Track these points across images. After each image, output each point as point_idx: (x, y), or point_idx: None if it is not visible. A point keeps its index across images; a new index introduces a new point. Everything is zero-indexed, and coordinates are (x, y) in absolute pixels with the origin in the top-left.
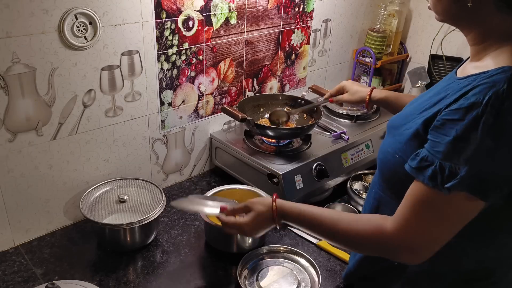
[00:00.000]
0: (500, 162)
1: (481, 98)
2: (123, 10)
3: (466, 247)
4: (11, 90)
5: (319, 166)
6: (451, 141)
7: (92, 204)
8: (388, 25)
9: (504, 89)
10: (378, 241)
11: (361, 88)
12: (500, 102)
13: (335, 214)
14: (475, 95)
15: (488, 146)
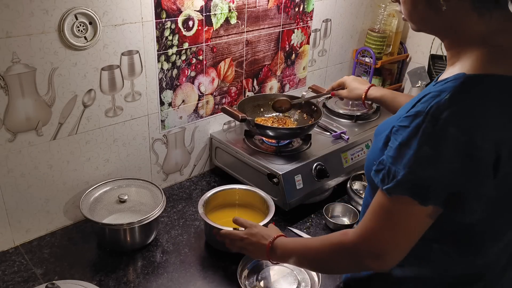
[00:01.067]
0: (437, 169)
1: (425, 107)
2: (123, 10)
3: (451, 253)
4: (11, 90)
5: (319, 166)
6: (397, 146)
7: (92, 204)
8: (388, 25)
9: (446, 99)
10: (342, 250)
11: (359, 86)
12: (440, 112)
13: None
14: (422, 104)
15: (425, 153)
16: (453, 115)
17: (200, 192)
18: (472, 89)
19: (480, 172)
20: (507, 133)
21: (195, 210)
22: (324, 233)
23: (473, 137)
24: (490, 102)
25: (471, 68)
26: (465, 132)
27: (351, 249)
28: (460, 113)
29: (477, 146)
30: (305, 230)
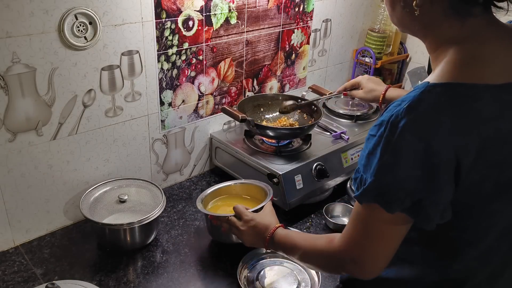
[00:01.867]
0: (398, 176)
1: (387, 117)
2: (123, 10)
3: (430, 257)
4: (11, 90)
5: (319, 166)
6: (366, 155)
7: (92, 204)
8: (388, 25)
9: (404, 108)
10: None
11: (376, 87)
12: (398, 121)
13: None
14: (386, 113)
15: (387, 161)
16: (409, 123)
17: (200, 192)
18: (430, 98)
19: (438, 178)
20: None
21: (195, 210)
22: (324, 233)
23: (430, 143)
24: (447, 110)
25: (437, 76)
26: (422, 139)
27: (335, 256)
28: (416, 120)
29: (434, 153)
30: (305, 230)
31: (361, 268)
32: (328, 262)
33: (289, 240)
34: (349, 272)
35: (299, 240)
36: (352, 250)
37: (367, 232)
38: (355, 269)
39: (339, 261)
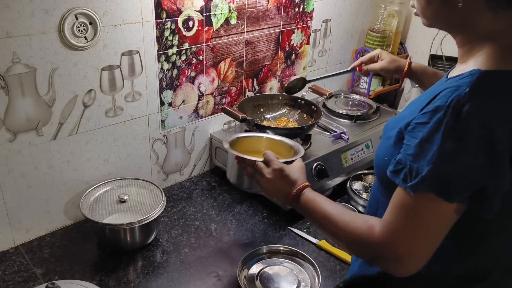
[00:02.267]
0: (461, 164)
1: (444, 102)
2: (123, 10)
3: (455, 250)
4: (11, 90)
5: (319, 166)
6: (418, 143)
7: (92, 204)
8: (388, 25)
9: (466, 92)
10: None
11: (399, 58)
12: (461, 105)
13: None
14: (440, 99)
15: (449, 148)
16: (474, 109)
17: (200, 192)
18: (488, 84)
19: (502, 166)
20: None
21: (195, 210)
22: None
23: (494, 130)
24: (505, 96)
25: (484, 64)
26: (486, 125)
27: (374, 248)
28: (481, 106)
29: (498, 140)
30: (305, 230)
31: (404, 267)
32: (363, 250)
33: (318, 206)
34: (386, 268)
35: (331, 211)
36: (398, 247)
37: (418, 225)
38: (396, 267)
39: (378, 254)
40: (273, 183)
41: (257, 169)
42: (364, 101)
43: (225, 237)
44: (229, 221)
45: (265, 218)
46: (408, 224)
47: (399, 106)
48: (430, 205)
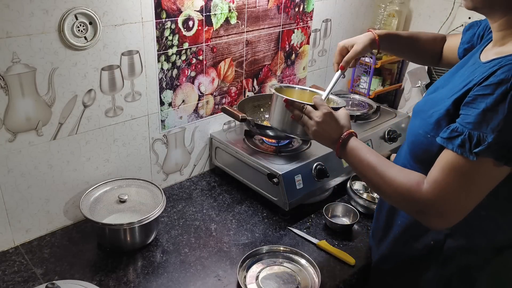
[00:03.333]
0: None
1: (509, 75)
2: (123, 10)
3: (496, 219)
4: (11, 90)
5: (319, 166)
6: (481, 113)
7: (92, 204)
8: (388, 25)
9: None
10: (413, 198)
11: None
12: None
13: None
14: (504, 73)
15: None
16: None
17: (200, 192)
18: None
19: None
20: None
21: (195, 210)
22: (324, 234)
23: None
24: None
25: None
26: None
27: (420, 203)
28: None
29: None
30: (305, 230)
31: (445, 222)
32: (407, 203)
33: (365, 154)
34: (427, 222)
35: (377, 162)
36: (444, 204)
37: (467, 186)
38: (438, 222)
39: (423, 209)
40: (322, 127)
41: (306, 112)
42: (364, 101)
43: (225, 237)
44: (229, 221)
45: (265, 218)
46: (458, 184)
47: (399, 106)
48: (484, 169)
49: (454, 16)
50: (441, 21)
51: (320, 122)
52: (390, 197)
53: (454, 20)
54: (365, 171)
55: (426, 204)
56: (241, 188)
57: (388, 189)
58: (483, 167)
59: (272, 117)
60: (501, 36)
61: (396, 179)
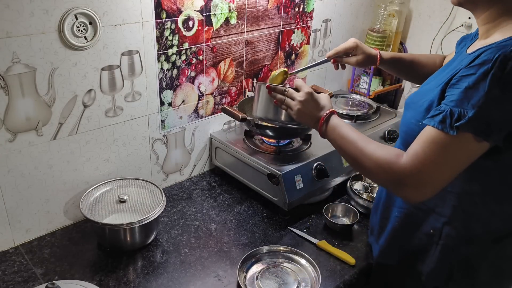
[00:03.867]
0: (503, 110)
1: (491, 57)
2: (123, 10)
3: (491, 205)
4: (11, 90)
5: (319, 166)
6: (463, 90)
7: (92, 204)
8: (388, 25)
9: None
10: (391, 169)
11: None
12: (507, 60)
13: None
14: (487, 55)
15: (494, 95)
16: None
17: (200, 192)
18: None
19: None
20: None
21: (195, 210)
22: (324, 234)
23: None
24: None
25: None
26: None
27: (398, 173)
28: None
29: None
30: (305, 230)
31: (421, 194)
32: (386, 174)
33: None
34: (404, 194)
35: (358, 137)
36: (422, 175)
37: (445, 159)
38: (413, 193)
39: (400, 179)
40: (304, 105)
41: (289, 94)
42: (364, 101)
43: (225, 237)
44: (229, 221)
45: (265, 218)
46: (436, 157)
47: (399, 106)
48: (463, 144)
49: (454, 16)
50: (441, 21)
51: (303, 101)
52: (369, 170)
53: (454, 20)
54: (346, 146)
55: (404, 175)
56: (241, 188)
57: (368, 162)
58: (462, 141)
59: (256, 108)
60: (485, 29)
61: (376, 152)
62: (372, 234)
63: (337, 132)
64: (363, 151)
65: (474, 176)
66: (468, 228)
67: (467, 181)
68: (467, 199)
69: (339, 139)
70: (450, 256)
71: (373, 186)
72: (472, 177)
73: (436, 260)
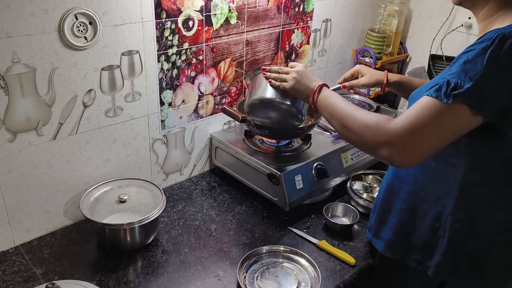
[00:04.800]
0: (498, 85)
1: (491, 36)
2: (123, 10)
3: (492, 196)
4: (11, 90)
5: (319, 166)
6: (461, 64)
7: (92, 204)
8: (388, 25)
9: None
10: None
11: (377, 71)
12: (506, 39)
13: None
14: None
15: (491, 70)
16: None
17: (200, 192)
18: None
19: None
20: None
21: (195, 210)
22: (324, 234)
23: None
24: None
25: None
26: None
27: (386, 134)
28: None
29: None
30: (305, 230)
31: (406, 157)
32: (374, 134)
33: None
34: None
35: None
36: (410, 137)
37: (436, 126)
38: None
39: (388, 139)
40: (299, 77)
41: (283, 71)
42: (364, 101)
43: (225, 237)
44: (229, 221)
45: (265, 218)
46: (427, 122)
47: (399, 106)
48: (457, 114)
49: (454, 16)
50: (441, 21)
51: (298, 71)
52: (358, 132)
53: (454, 20)
54: (337, 113)
55: (393, 135)
56: (241, 188)
57: (356, 124)
58: (455, 111)
59: (251, 95)
60: (484, 25)
61: (366, 116)
62: (370, 230)
63: (329, 99)
64: (353, 114)
65: (475, 166)
66: (472, 220)
67: (468, 171)
68: (468, 189)
69: (330, 106)
70: (456, 249)
71: (373, 186)
72: (473, 167)
73: (443, 253)
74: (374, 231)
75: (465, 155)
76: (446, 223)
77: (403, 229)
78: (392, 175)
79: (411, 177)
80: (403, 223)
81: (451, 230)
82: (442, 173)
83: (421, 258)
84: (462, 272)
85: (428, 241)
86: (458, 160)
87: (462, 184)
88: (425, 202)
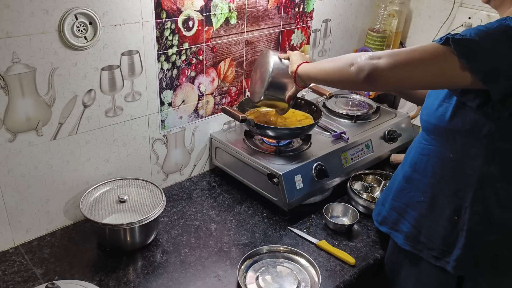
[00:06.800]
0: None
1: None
2: (123, 10)
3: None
4: (11, 90)
5: (319, 166)
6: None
7: (92, 204)
8: (388, 25)
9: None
10: (361, 54)
11: None
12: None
13: None
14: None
15: (496, 37)
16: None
17: (200, 192)
18: None
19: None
20: None
21: (195, 210)
22: (324, 233)
23: None
24: None
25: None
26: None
27: (366, 55)
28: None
29: None
30: (305, 230)
31: (375, 80)
32: (351, 59)
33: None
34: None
35: None
36: (388, 57)
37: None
38: (369, 77)
39: (367, 57)
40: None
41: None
42: (364, 101)
43: (225, 237)
44: (229, 221)
45: (265, 218)
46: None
47: (399, 106)
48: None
49: (454, 16)
50: (441, 21)
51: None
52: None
53: (454, 20)
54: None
55: (373, 54)
56: (241, 188)
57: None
58: (444, 55)
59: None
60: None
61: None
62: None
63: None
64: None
65: (493, 159)
66: (491, 214)
67: (487, 163)
68: (486, 182)
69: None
70: (475, 243)
71: (373, 186)
72: (491, 160)
73: (462, 246)
74: (391, 223)
75: (483, 147)
76: (464, 216)
77: (423, 223)
78: (410, 167)
79: (429, 169)
80: (422, 216)
81: (470, 223)
82: (460, 165)
83: (440, 253)
84: (481, 267)
85: (447, 235)
86: (477, 152)
87: (480, 176)
88: (444, 195)
